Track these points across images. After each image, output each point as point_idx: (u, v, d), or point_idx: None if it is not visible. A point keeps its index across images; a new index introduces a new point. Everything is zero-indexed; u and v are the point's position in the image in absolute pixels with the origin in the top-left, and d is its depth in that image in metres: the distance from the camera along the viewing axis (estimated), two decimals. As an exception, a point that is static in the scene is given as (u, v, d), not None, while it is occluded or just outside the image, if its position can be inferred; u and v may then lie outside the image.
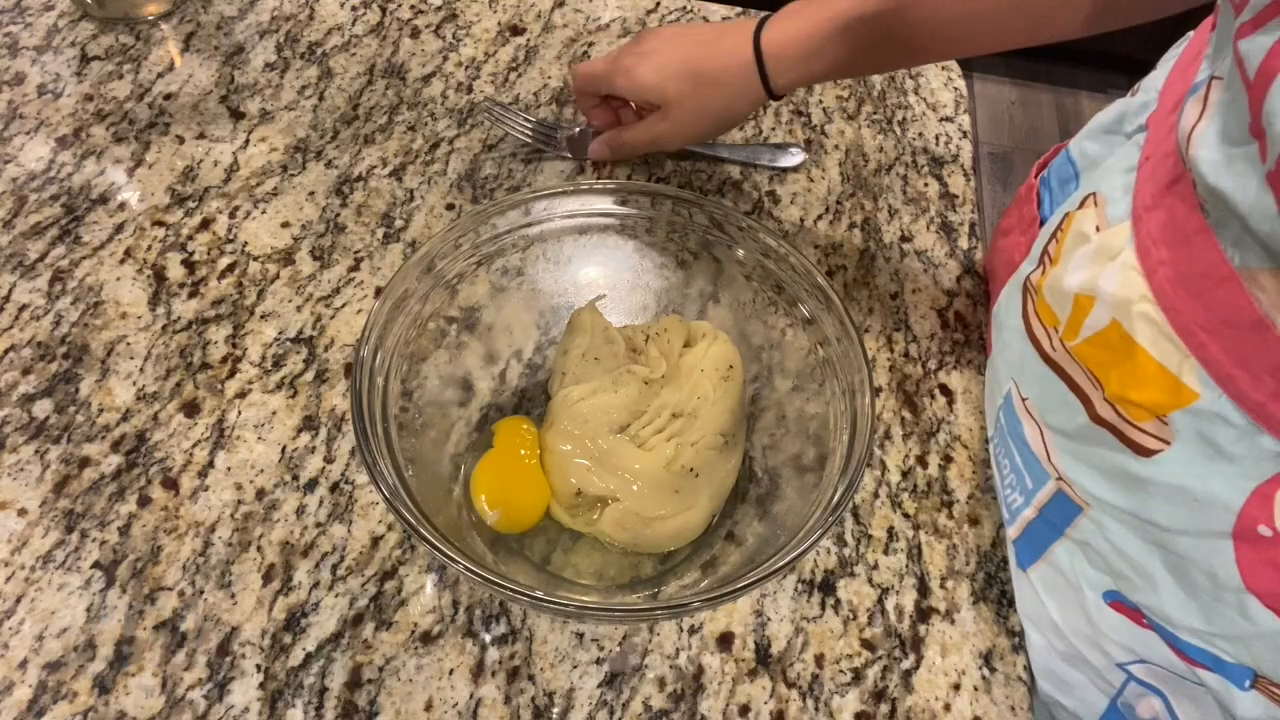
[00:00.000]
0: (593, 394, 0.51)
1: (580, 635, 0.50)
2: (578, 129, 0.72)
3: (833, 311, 0.50)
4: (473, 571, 0.40)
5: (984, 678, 0.51)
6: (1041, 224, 0.55)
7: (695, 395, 0.52)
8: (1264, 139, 0.32)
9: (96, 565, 0.50)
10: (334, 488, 0.54)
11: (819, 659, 0.51)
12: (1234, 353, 0.36)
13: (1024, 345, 0.49)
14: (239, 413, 0.57)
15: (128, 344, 0.59)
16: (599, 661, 0.50)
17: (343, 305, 0.62)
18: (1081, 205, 0.46)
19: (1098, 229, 0.44)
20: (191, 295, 0.61)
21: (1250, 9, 0.34)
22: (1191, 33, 0.48)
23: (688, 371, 0.53)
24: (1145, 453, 0.40)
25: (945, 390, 0.62)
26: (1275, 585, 0.38)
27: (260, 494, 0.54)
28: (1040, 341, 0.47)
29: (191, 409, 0.57)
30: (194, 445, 0.55)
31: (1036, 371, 0.47)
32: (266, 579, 0.51)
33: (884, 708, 0.49)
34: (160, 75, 0.73)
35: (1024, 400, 0.49)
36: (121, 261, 0.62)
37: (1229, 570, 0.39)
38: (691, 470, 0.50)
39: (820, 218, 0.70)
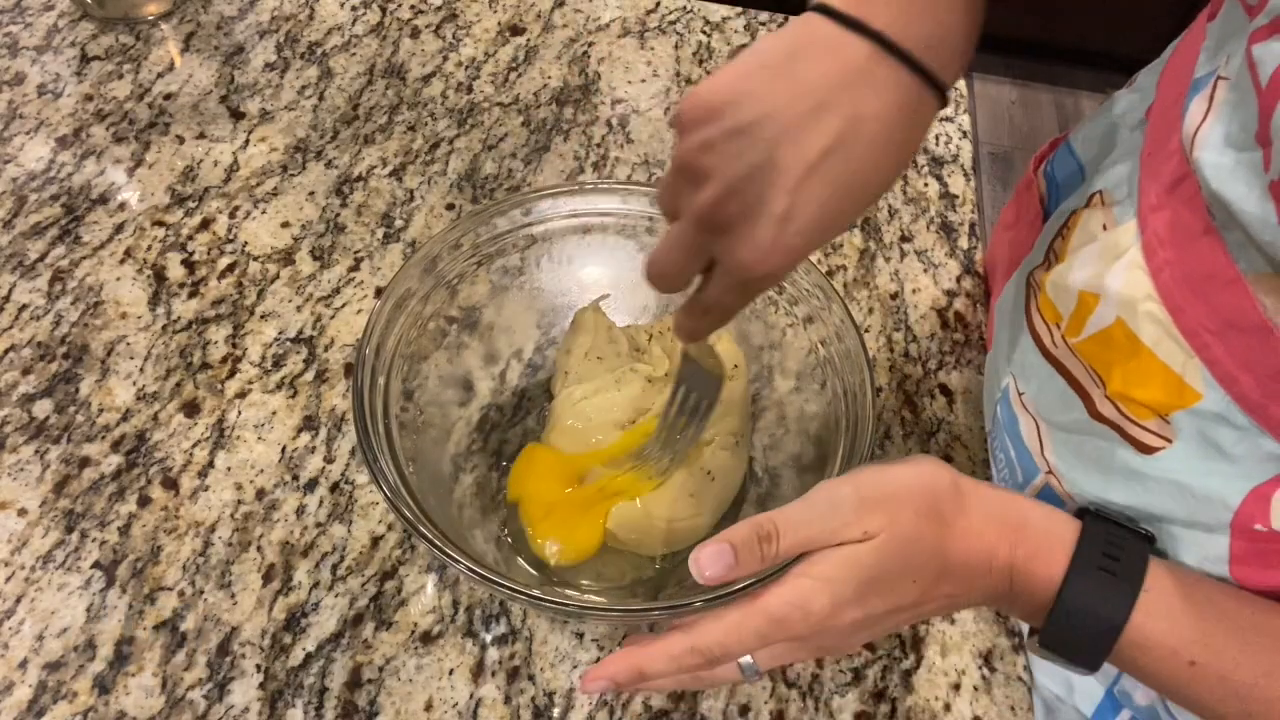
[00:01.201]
0: (595, 393, 0.51)
1: (580, 635, 0.50)
2: None
3: (833, 311, 0.50)
4: (473, 571, 0.40)
5: (984, 678, 0.51)
6: (1045, 218, 0.55)
7: None
8: (1269, 148, 0.32)
9: (96, 565, 0.50)
10: (334, 488, 0.54)
11: (819, 659, 0.51)
12: (1238, 355, 0.36)
13: (1024, 340, 0.49)
14: (239, 413, 0.57)
15: (128, 344, 0.59)
16: (599, 661, 0.50)
17: (343, 305, 0.62)
18: (1088, 204, 0.46)
19: (1105, 228, 0.44)
20: (191, 295, 0.61)
21: (1267, 14, 0.33)
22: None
23: None
24: (1147, 450, 0.40)
25: (945, 390, 0.62)
26: (1261, 577, 0.38)
27: (260, 494, 0.54)
28: (1041, 337, 0.47)
29: (191, 409, 0.56)
30: (194, 445, 0.55)
31: (1035, 366, 0.47)
32: (266, 579, 0.51)
33: (884, 708, 0.49)
34: (160, 75, 0.73)
35: (1020, 395, 0.49)
36: (121, 261, 0.62)
37: (1219, 567, 0.39)
38: (708, 473, 0.50)
39: (820, 218, 0.70)
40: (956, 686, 0.50)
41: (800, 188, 0.32)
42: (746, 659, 0.37)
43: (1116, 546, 0.38)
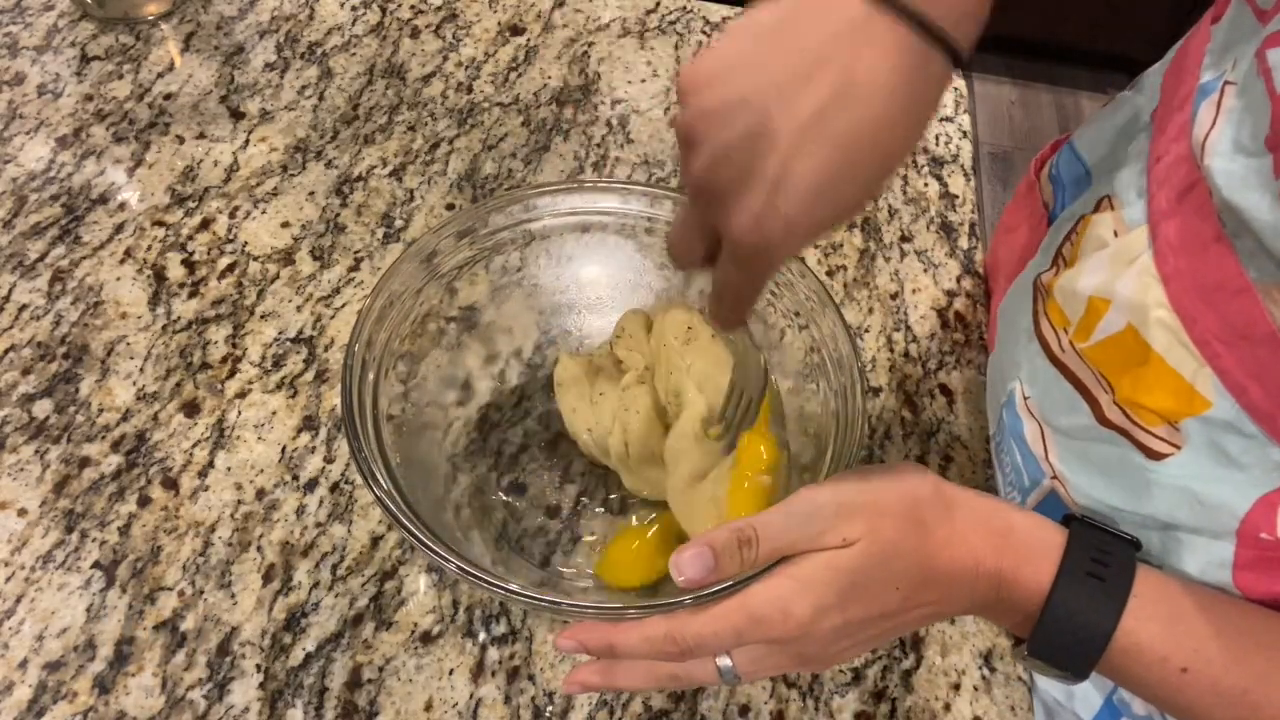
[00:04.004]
0: (597, 424, 0.52)
1: (580, 635, 0.50)
2: None
3: (826, 314, 0.50)
4: (467, 572, 0.40)
5: (984, 678, 0.51)
6: (1050, 220, 0.54)
7: (669, 371, 0.51)
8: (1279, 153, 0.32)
9: (96, 565, 0.50)
10: (334, 488, 0.54)
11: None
12: (1248, 365, 0.36)
13: (1030, 344, 0.48)
14: (239, 413, 0.57)
15: (128, 344, 0.59)
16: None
17: (343, 305, 0.62)
18: (1097, 208, 0.46)
19: (1116, 234, 0.43)
20: (191, 295, 0.61)
21: None
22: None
23: (656, 350, 0.53)
24: (1155, 456, 0.40)
25: (945, 390, 0.62)
26: (1264, 584, 0.38)
27: (260, 494, 0.54)
28: (1049, 342, 0.47)
29: (191, 409, 0.57)
30: (194, 445, 0.55)
31: (1042, 371, 0.47)
32: (266, 579, 0.51)
33: (884, 708, 0.49)
34: (160, 75, 0.73)
35: (1026, 399, 0.49)
36: (121, 261, 0.62)
37: (1223, 573, 0.39)
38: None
39: (820, 217, 0.70)
40: (956, 686, 0.50)
41: (793, 152, 0.30)
42: (725, 661, 0.37)
43: (1105, 553, 0.38)
